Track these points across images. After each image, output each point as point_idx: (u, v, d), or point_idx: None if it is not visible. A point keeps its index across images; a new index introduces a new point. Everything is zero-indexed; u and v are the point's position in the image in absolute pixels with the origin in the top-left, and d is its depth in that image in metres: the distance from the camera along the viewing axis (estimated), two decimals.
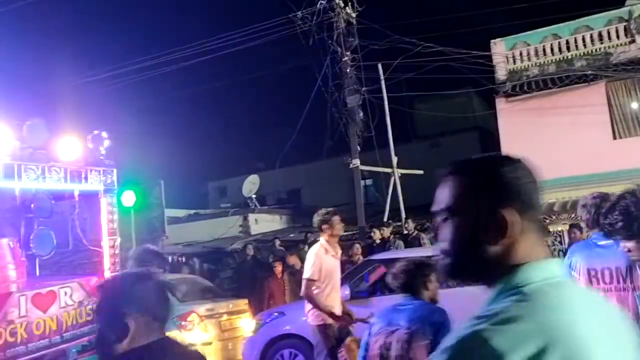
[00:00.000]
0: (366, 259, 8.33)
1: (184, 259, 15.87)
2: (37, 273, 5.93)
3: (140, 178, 20.38)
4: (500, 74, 15.13)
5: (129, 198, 6.93)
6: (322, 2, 13.30)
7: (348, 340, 5.31)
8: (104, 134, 6.30)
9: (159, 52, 15.26)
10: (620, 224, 2.56)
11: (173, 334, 7.36)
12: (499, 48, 15.25)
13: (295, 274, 9.50)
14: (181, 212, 21.09)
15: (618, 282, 3.20)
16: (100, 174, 6.20)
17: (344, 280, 7.28)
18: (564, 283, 1.12)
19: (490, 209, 1.14)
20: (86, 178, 6.05)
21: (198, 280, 10.12)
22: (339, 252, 5.63)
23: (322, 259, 5.36)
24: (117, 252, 6.27)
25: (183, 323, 7.53)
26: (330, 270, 5.40)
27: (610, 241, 3.16)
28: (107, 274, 6.00)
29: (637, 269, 3.17)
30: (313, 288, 5.28)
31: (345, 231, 16.29)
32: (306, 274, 5.38)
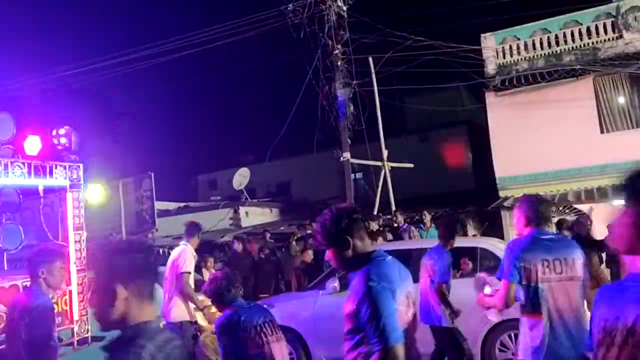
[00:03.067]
0: None
1: None
2: (5, 267, 5.90)
3: (131, 171, 20.33)
4: (490, 68, 15.21)
5: (96, 193, 6.94)
6: None
7: (202, 336, 5.66)
8: (68, 129, 6.30)
9: (148, 45, 15.20)
10: None
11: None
12: (489, 42, 15.32)
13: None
14: (171, 205, 21.04)
15: (566, 272, 3.53)
16: (66, 169, 6.20)
17: (332, 274, 7.33)
18: None
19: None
20: (51, 173, 6.06)
21: None
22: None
23: (191, 259, 5.92)
24: (83, 246, 6.30)
25: None
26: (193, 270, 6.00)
27: (552, 235, 3.69)
28: (73, 269, 6.03)
29: (576, 261, 3.57)
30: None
31: None
32: (184, 268, 5.79)
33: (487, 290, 3.95)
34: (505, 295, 3.56)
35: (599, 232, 9.43)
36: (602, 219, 9.34)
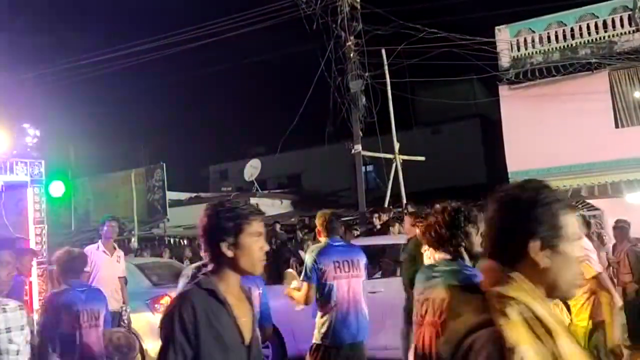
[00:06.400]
0: None
1: (185, 242, 15.96)
2: None
3: (143, 161, 20.44)
4: (504, 61, 15.08)
5: (58, 188, 7.14)
6: None
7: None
8: (31, 126, 6.52)
9: (161, 34, 15.19)
10: None
11: (146, 316, 7.60)
12: (503, 35, 15.18)
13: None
14: (182, 195, 21.17)
15: (353, 270, 4.45)
16: (27, 166, 6.42)
17: None
18: None
19: None
20: (12, 169, 6.25)
21: (174, 265, 10.20)
22: (115, 250, 6.87)
23: (93, 255, 6.54)
24: (44, 240, 6.57)
25: (156, 306, 7.70)
26: (100, 264, 6.63)
27: (342, 243, 4.64)
28: (34, 261, 6.23)
29: (360, 262, 4.53)
30: (87, 279, 6.38)
31: (345, 216, 16.38)
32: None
33: (294, 284, 4.64)
34: (306, 295, 4.34)
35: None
36: (616, 215, 9.22)
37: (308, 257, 4.48)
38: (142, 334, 7.58)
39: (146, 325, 7.65)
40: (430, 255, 4.76)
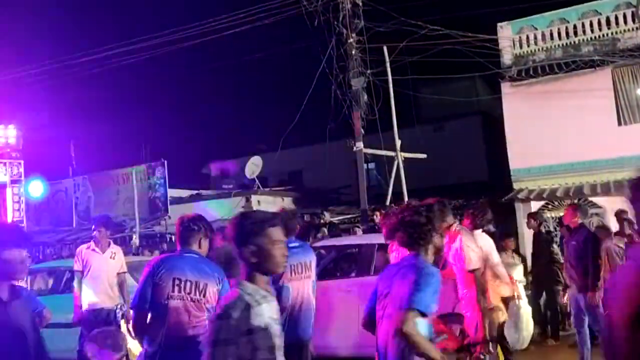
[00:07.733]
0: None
1: None
2: None
3: (145, 158, 20.41)
4: (506, 58, 15.02)
5: (37, 188, 7.18)
6: None
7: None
8: (12, 127, 6.53)
9: (163, 31, 15.15)
10: None
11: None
12: (506, 32, 15.11)
13: None
14: (183, 192, 21.15)
15: (306, 272, 4.60)
16: (6, 166, 6.45)
17: None
18: None
19: None
20: None
21: None
22: (108, 247, 6.85)
23: (84, 254, 6.70)
24: None
25: None
26: (91, 262, 6.65)
27: (296, 243, 4.69)
28: None
29: (312, 263, 4.68)
30: (80, 278, 6.61)
31: (346, 214, 16.31)
32: (74, 267, 6.70)
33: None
34: None
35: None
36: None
37: None
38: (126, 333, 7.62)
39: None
40: (396, 254, 4.78)
